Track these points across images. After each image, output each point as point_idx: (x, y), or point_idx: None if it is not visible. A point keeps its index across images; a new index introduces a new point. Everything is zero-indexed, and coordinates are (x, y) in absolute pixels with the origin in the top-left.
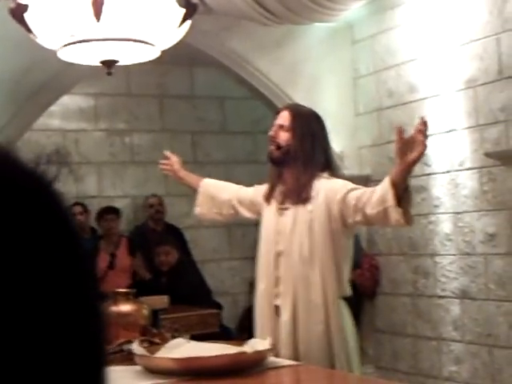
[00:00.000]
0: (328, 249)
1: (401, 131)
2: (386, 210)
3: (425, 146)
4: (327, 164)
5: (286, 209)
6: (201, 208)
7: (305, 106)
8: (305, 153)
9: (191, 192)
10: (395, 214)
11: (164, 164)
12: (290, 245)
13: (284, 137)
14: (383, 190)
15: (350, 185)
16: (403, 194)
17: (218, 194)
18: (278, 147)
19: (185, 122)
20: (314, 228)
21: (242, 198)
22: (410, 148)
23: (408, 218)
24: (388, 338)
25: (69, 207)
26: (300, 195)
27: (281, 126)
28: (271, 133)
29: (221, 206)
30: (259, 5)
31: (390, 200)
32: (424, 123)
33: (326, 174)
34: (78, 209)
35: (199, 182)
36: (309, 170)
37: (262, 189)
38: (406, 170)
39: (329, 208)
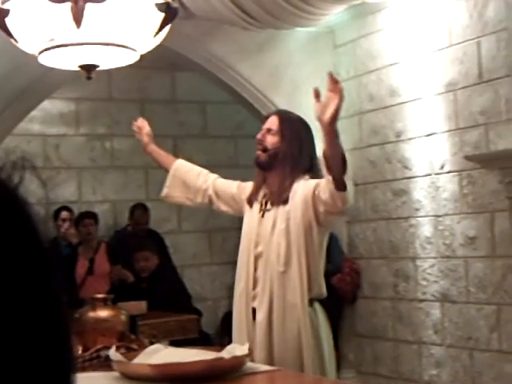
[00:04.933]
0: (303, 248)
1: (317, 93)
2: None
3: (340, 98)
4: (310, 168)
5: (267, 210)
6: (170, 190)
7: (293, 112)
8: (292, 156)
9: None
10: (328, 184)
11: (136, 128)
12: (268, 246)
13: (271, 140)
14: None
15: (319, 180)
16: (342, 162)
17: (193, 180)
18: (265, 150)
19: (166, 127)
20: (291, 228)
21: (219, 191)
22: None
23: (343, 188)
24: (369, 342)
25: (34, 212)
26: (281, 197)
27: (268, 130)
28: (259, 136)
29: (195, 193)
30: (240, 9)
31: (325, 172)
32: (331, 75)
33: (306, 177)
34: (67, 214)
35: (170, 162)
36: (294, 173)
37: (245, 187)
38: (329, 133)
39: (305, 207)
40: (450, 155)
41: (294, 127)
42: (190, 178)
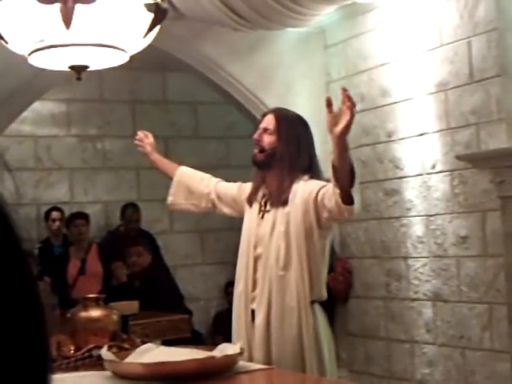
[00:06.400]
0: (304, 251)
1: (329, 102)
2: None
3: (352, 115)
4: (309, 168)
5: (266, 212)
6: (175, 198)
7: (290, 110)
8: (290, 156)
9: (164, 197)
10: (335, 194)
11: (138, 142)
12: (267, 248)
13: (268, 140)
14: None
15: (322, 183)
16: (350, 175)
17: (196, 185)
18: (262, 150)
19: (157, 128)
20: (290, 230)
21: (221, 194)
22: (339, 121)
23: (350, 201)
24: (361, 341)
25: (9, 210)
26: (280, 198)
27: (265, 130)
28: (255, 136)
29: (199, 198)
30: (230, 10)
31: (331, 180)
32: (344, 90)
33: (306, 177)
34: (57, 214)
35: (174, 169)
36: (292, 173)
37: (245, 188)
38: (339, 144)
39: (306, 210)
40: (441, 155)
41: (291, 126)
42: (194, 184)
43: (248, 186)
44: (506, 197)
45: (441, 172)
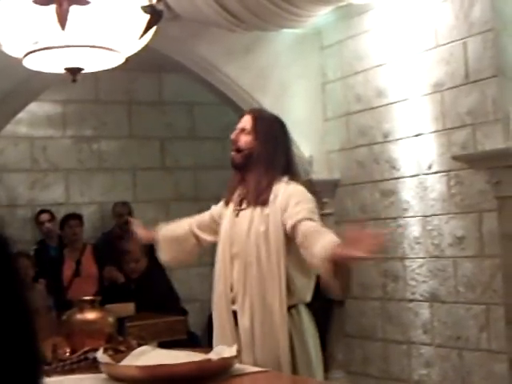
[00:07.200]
0: (283, 253)
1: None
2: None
3: (369, 257)
4: (288, 168)
5: (242, 210)
6: (165, 254)
7: (267, 111)
8: (267, 155)
9: (160, 198)
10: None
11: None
12: (245, 247)
13: (244, 139)
14: (324, 252)
15: (303, 204)
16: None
17: (179, 231)
18: (238, 150)
19: (153, 128)
20: (270, 232)
21: (200, 222)
22: (359, 243)
23: (341, 289)
24: (358, 342)
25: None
26: (258, 198)
27: (242, 130)
28: (232, 136)
29: (186, 240)
30: (225, 11)
31: (324, 271)
32: (379, 239)
33: (285, 178)
34: (45, 216)
35: (156, 233)
36: (270, 173)
37: (219, 204)
38: (346, 261)
39: (283, 215)
40: (437, 155)
41: (268, 125)
42: (176, 232)
43: (221, 204)
44: (502, 197)
45: (437, 172)
